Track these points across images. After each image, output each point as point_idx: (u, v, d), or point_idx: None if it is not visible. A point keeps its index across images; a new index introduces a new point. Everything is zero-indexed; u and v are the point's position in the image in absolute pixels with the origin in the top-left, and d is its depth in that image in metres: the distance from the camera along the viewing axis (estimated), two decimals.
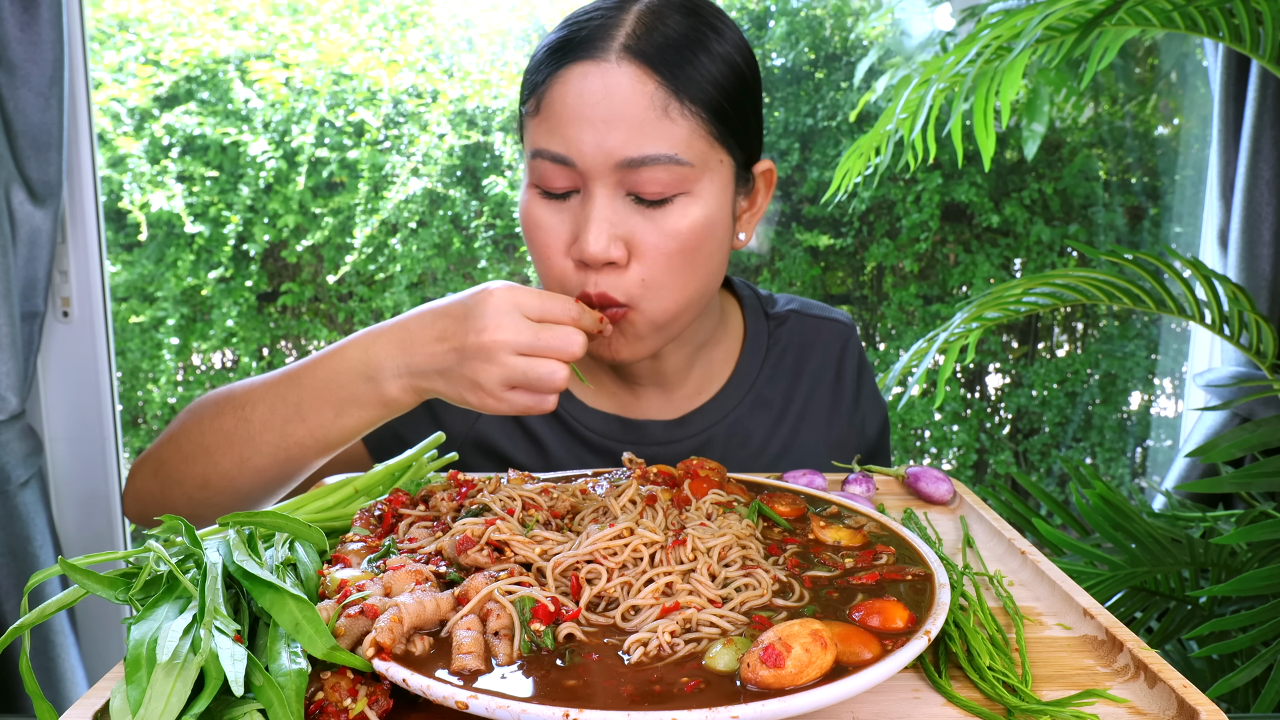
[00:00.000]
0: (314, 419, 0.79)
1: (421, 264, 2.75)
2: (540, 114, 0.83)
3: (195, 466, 0.83)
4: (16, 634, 0.52)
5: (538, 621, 0.53)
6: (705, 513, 0.68)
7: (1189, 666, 1.36)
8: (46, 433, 1.80)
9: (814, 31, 2.75)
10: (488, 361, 0.72)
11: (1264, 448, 1.38)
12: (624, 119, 0.79)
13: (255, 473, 0.81)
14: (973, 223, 2.77)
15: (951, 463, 2.94)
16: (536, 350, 0.72)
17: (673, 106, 0.80)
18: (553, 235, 0.84)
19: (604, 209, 0.81)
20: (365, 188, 2.69)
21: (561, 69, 0.81)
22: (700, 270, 0.86)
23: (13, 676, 1.64)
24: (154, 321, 2.74)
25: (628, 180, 0.81)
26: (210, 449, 0.82)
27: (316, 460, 0.82)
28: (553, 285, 0.86)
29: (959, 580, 0.68)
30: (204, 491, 0.83)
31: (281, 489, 0.86)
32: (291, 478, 0.84)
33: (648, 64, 0.80)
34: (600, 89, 0.79)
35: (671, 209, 0.82)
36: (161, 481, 0.86)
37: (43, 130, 1.60)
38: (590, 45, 0.81)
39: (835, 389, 1.07)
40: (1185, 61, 2.57)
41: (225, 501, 0.84)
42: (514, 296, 0.73)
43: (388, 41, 2.75)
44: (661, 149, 0.80)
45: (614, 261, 0.81)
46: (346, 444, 0.82)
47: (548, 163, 0.82)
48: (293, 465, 0.82)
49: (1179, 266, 1.44)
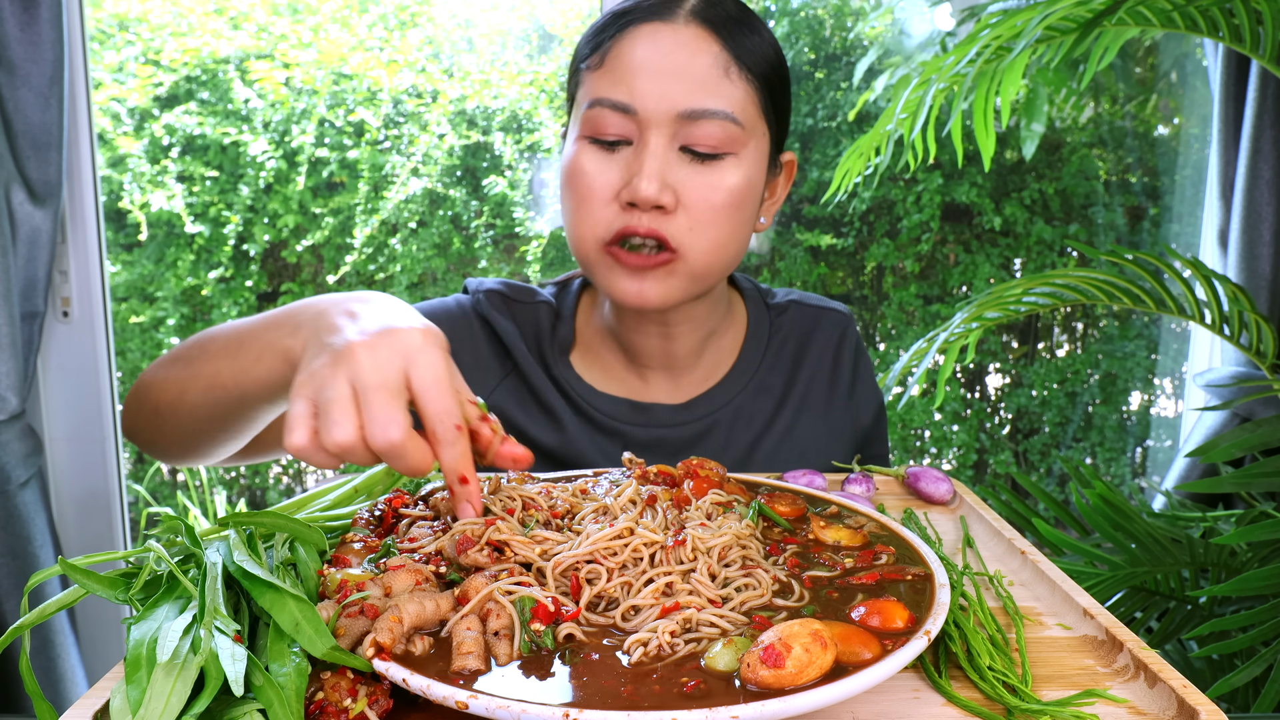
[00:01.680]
0: (242, 358, 0.74)
1: (421, 264, 2.75)
2: (604, 66, 0.89)
3: (155, 392, 0.83)
4: (16, 634, 0.52)
5: (538, 621, 0.53)
6: (705, 513, 0.68)
7: (1189, 666, 1.36)
8: (46, 433, 1.80)
9: (814, 31, 2.75)
10: (347, 360, 0.60)
11: (1264, 448, 1.39)
12: (689, 73, 0.86)
13: (190, 407, 0.79)
14: (973, 223, 2.77)
15: (951, 463, 2.94)
16: (379, 398, 0.59)
17: (732, 69, 0.87)
18: (599, 180, 0.88)
19: (658, 157, 0.86)
20: (365, 188, 2.69)
21: (630, 27, 0.88)
22: (736, 231, 0.92)
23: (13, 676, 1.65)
24: (154, 321, 2.75)
25: (683, 133, 0.87)
26: (168, 378, 0.81)
27: (239, 409, 0.76)
28: (592, 230, 0.90)
29: (959, 580, 0.68)
30: (154, 418, 0.83)
31: (219, 435, 0.81)
32: (223, 422, 0.79)
33: (712, 28, 0.88)
34: (670, 44, 0.87)
35: (720, 165, 0.88)
36: (136, 402, 0.86)
37: (43, 130, 1.60)
38: (660, 8, 0.89)
39: (833, 376, 1.11)
40: (1185, 61, 2.58)
41: (171, 430, 0.82)
42: (434, 346, 0.62)
43: (388, 41, 2.75)
44: (720, 105, 0.87)
45: (663, 206, 0.87)
46: (258, 397, 0.74)
47: (607, 110, 0.87)
48: (218, 409, 0.77)
49: (1179, 266, 1.44)
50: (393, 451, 0.59)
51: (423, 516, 0.67)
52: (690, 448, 1.03)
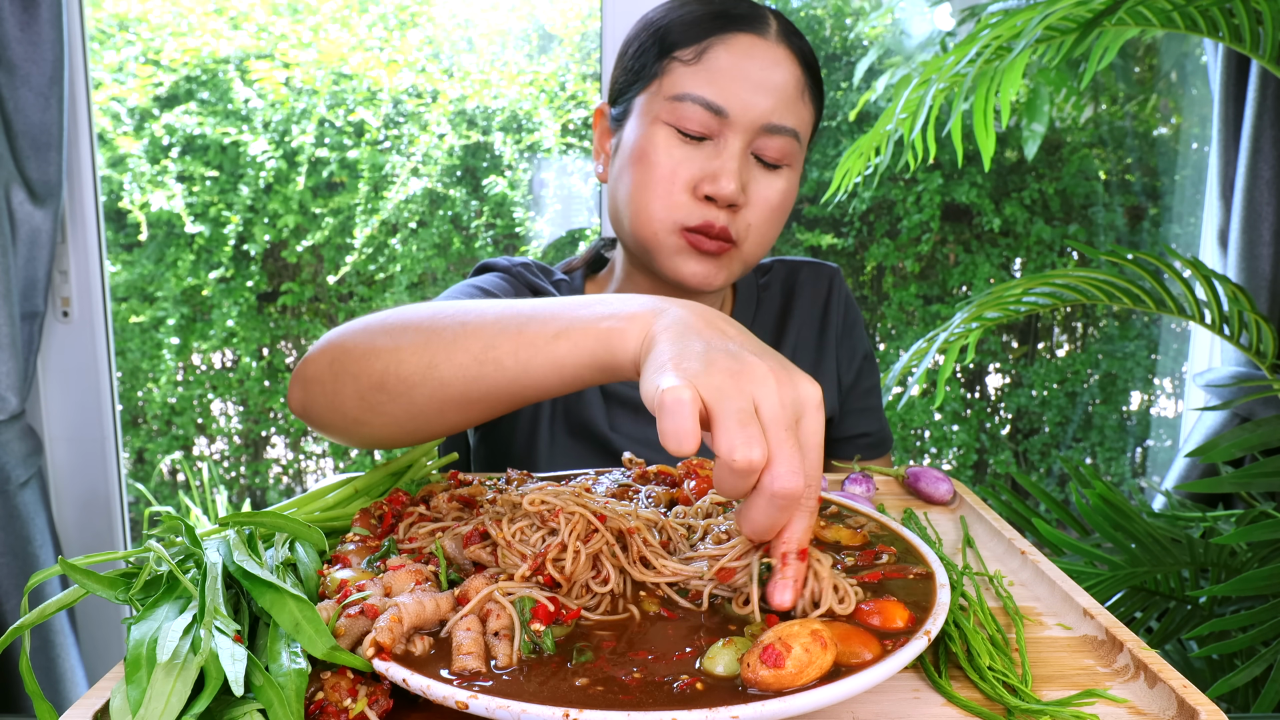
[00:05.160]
0: (530, 332, 0.64)
1: (421, 264, 2.75)
2: (701, 63, 0.95)
3: (377, 362, 0.70)
4: (16, 634, 0.52)
5: (538, 622, 0.53)
6: (705, 512, 0.68)
7: (1189, 666, 1.36)
8: (46, 433, 1.80)
9: (814, 31, 2.75)
10: (756, 379, 0.53)
11: (1264, 448, 1.38)
12: (778, 90, 0.95)
13: (437, 384, 0.67)
14: (973, 223, 2.77)
15: (951, 463, 2.94)
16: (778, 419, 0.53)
17: (806, 93, 0.99)
18: (681, 168, 0.95)
19: (739, 158, 0.95)
20: (365, 188, 2.69)
21: (729, 33, 0.95)
22: (777, 231, 1.03)
23: (13, 676, 1.65)
24: (154, 321, 2.74)
25: (758, 141, 0.96)
26: (402, 347, 0.69)
27: (505, 392, 0.67)
28: (670, 213, 0.96)
29: (959, 580, 0.68)
30: (376, 393, 0.70)
31: (453, 419, 0.71)
32: (471, 407, 0.69)
33: (796, 53, 0.98)
34: (767, 59, 0.95)
35: (780, 174, 0.99)
36: (336, 372, 0.73)
37: (43, 130, 1.60)
38: (754, 21, 0.97)
39: (823, 324, 1.17)
40: (1185, 61, 2.58)
41: (393, 410, 0.71)
42: (822, 409, 0.56)
43: (388, 41, 2.75)
44: (792, 123, 0.97)
45: (737, 204, 0.96)
46: (544, 378, 0.65)
47: (698, 107, 0.94)
48: (477, 388, 0.67)
49: (1179, 266, 1.44)
50: (788, 499, 0.52)
51: (423, 516, 0.67)
52: None
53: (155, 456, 2.87)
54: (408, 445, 0.76)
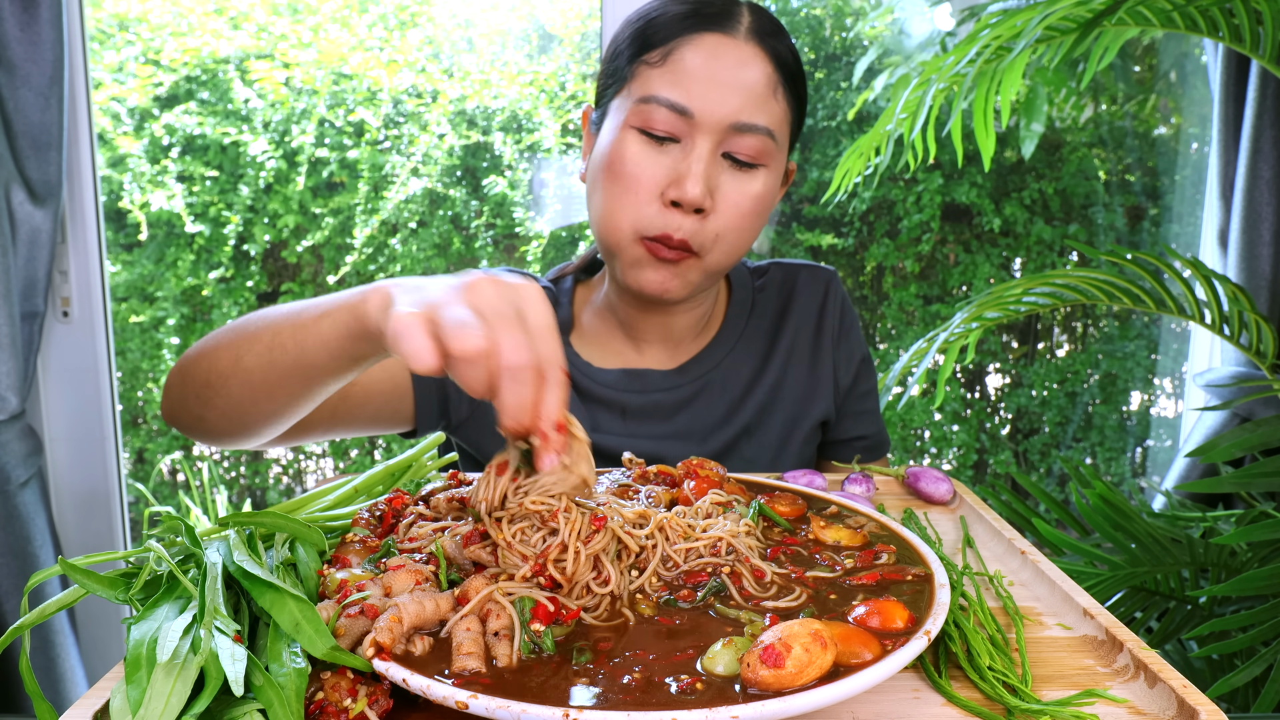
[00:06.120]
0: (305, 318, 0.74)
1: (421, 264, 2.75)
2: (666, 65, 0.94)
3: (203, 362, 0.83)
4: (16, 634, 0.52)
5: (538, 622, 0.53)
6: (705, 512, 0.68)
7: (1189, 666, 1.36)
8: (46, 433, 1.80)
9: (813, 31, 2.75)
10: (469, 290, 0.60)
11: (1264, 448, 1.38)
12: (745, 88, 0.93)
13: (245, 374, 0.79)
14: (973, 223, 2.77)
15: (951, 463, 2.94)
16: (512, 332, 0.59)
17: (779, 90, 0.96)
18: (648, 173, 0.94)
19: (705, 160, 0.93)
20: (365, 188, 2.69)
21: (696, 34, 0.94)
22: (753, 234, 1.00)
23: (13, 676, 1.65)
24: (154, 321, 2.74)
25: (728, 141, 0.94)
26: (220, 346, 0.82)
27: (294, 373, 0.76)
28: (632, 220, 0.95)
29: (959, 580, 0.68)
30: (205, 390, 0.83)
31: (266, 407, 0.81)
32: (275, 391, 0.79)
33: (767, 49, 0.95)
34: (733, 59, 0.93)
35: (753, 174, 0.96)
36: (181, 378, 0.86)
37: (43, 130, 1.60)
38: (723, 20, 0.95)
39: (818, 328, 1.16)
40: (1185, 61, 2.57)
41: (219, 402, 0.82)
42: (545, 299, 0.61)
43: (388, 41, 2.75)
44: (764, 121, 0.94)
45: (703, 209, 0.94)
46: (317, 357, 0.73)
47: (663, 109, 0.93)
48: (274, 373, 0.77)
49: (1179, 266, 1.44)
50: (518, 373, 0.56)
51: (423, 516, 0.67)
52: (684, 408, 1.08)
53: (155, 456, 2.87)
54: (245, 437, 0.87)
